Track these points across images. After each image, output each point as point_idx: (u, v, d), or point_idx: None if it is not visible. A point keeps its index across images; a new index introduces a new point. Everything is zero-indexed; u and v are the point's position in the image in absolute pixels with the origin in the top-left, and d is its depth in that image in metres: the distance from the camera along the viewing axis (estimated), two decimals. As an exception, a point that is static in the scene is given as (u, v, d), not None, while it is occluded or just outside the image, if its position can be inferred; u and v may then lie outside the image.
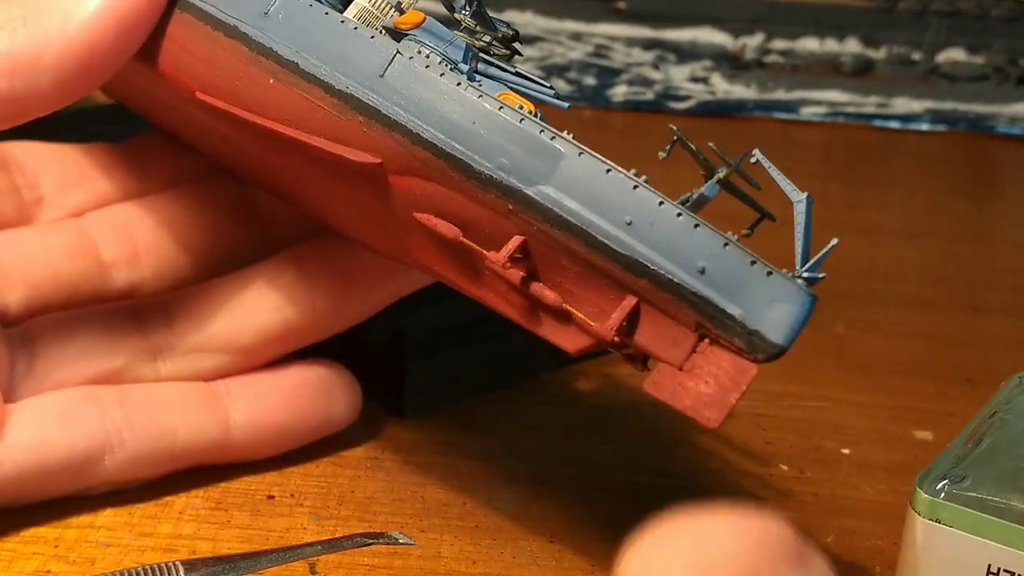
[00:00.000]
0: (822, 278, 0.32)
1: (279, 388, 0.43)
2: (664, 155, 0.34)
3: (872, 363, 0.54)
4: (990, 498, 0.34)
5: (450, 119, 0.34)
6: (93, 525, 0.40)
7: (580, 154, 0.33)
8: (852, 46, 0.85)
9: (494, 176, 0.33)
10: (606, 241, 0.32)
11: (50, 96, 0.37)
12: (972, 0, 0.83)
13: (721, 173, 0.33)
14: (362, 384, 0.44)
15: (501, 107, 0.34)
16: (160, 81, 0.39)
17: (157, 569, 0.36)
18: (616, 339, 0.33)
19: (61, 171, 0.45)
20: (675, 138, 0.34)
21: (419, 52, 0.35)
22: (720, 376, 0.32)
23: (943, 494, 0.34)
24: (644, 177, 0.33)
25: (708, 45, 0.84)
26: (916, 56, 0.85)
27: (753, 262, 0.32)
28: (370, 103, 0.35)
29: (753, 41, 0.84)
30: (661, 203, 0.32)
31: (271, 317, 0.42)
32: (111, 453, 0.40)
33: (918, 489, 0.34)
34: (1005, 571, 0.33)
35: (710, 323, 0.32)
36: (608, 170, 0.33)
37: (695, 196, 0.33)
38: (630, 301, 0.33)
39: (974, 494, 0.34)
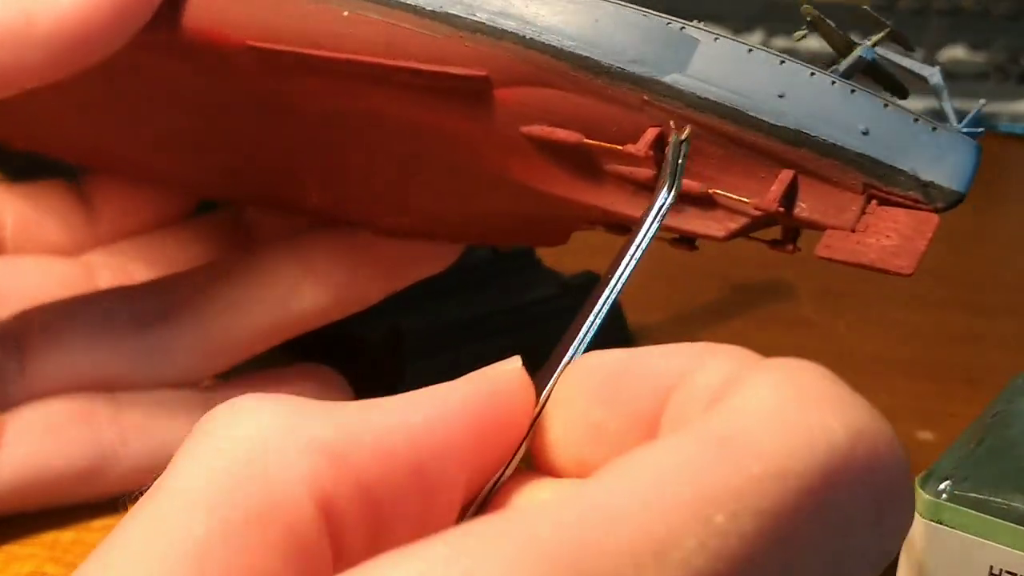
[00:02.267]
0: (982, 132, 0.33)
1: None
2: (801, 36, 0.35)
3: (872, 363, 0.54)
4: (992, 499, 0.33)
5: (569, 19, 0.33)
6: (90, 528, 0.40)
7: (716, 39, 0.33)
8: (852, 44, 0.84)
9: (626, 69, 0.33)
10: (758, 116, 0.32)
11: (39, 70, 0.35)
12: (973, -2, 0.83)
13: (876, 37, 0.34)
14: (361, 383, 0.44)
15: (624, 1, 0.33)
16: (178, 53, 0.36)
17: (154, 571, 0.35)
18: (780, 209, 0.33)
19: (23, 212, 0.45)
20: (809, 18, 0.34)
21: None
22: (900, 229, 0.32)
23: (945, 495, 0.34)
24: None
25: (708, 43, 0.84)
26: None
27: (916, 119, 0.32)
28: (471, 18, 0.34)
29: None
30: (813, 74, 0.32)
31: (269, 312, 0.42)
32: (104, 474, 0.39)
33: (919, 490, 0.34)
34: (1007, 572, 0.33)
35: (880, 182, 0.32)
36: (750, 50, 0.33)
37: (845, 65, 0.33)
38: (787, 174, 0.33)
39: (976, 495, 0.33)
